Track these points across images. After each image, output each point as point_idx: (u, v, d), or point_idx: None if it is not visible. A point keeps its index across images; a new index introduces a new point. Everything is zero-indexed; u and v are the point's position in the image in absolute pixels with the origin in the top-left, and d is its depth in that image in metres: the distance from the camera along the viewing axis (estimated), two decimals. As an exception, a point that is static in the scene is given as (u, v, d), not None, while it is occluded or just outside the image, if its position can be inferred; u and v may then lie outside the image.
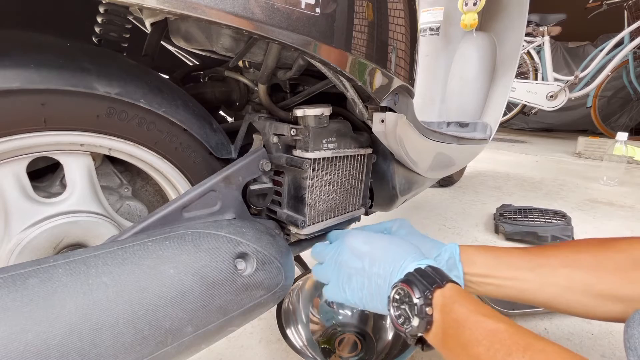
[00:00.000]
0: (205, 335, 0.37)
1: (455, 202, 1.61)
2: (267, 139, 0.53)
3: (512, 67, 1.23)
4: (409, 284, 0.39)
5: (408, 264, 0.43)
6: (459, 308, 0.36)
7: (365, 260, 0.46)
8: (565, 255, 0.46)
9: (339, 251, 0.50)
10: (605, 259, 0.43)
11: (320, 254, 0.54)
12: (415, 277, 0.40)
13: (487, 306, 0.37)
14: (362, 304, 0.47)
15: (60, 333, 0.27)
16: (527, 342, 0.31)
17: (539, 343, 0.31)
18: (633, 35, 2.98)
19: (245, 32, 0.32)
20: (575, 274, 0.44)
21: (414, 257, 0.44)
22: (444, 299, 0.38)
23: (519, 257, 0.49)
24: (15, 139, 0.33)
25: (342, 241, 0.51)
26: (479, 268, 0.49)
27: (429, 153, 0.75)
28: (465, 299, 0.37)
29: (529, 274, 0.46)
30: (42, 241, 0.38)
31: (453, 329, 0.35)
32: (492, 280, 0.48)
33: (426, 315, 0.37)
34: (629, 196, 1.78)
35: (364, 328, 0.69)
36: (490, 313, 0.35)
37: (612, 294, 0.42)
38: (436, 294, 0.38)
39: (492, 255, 0.50)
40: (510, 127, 4.95)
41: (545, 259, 0.47)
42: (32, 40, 0.35)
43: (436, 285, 0.38)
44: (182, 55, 0.75)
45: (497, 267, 0.48)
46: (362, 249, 0.48)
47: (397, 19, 0.47)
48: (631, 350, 0.33)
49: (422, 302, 0.37)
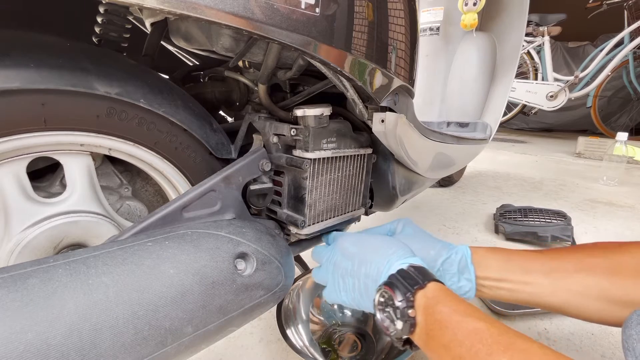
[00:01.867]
0: (205, 335, 0.37)
1: (455, 202, 1.61)
2: (267, 139, 0.53)
3: (512, 67, 1.23)
4: (391, 286, 0.39)
5: (392, 263, 0.42)
6: (441, 308, 0.36)
7: (354, 261, 0.46)
8: (579, 259, 0.45)
9: (333, 253, 0.50)
10: (619, 264, 0.43)
11: (318, 256, 0.55)
12: (397, 279, 0.39)
13: (470, 305, 0.37)
14: (356, 304, 0.47)
15: (60, 333, 0.27)
16: (509, 341, 0.31)
17: (521, 342, 0.31)
18: (633, 35, 2.98)
19: (245, 32, 0.32)
20: (590, 279, 0.43)
21: (398, 256, 0.43)
22: (426, 299, 0.37)
23: (532, 261, 0.48)
24: (15, 139, 0.33)
25: (335, 243, 0.51)
26: (491, 272, 0.48)
27: (429, 153, 0.75)
28: (448, 298, 0.37)
29: (543, 279, 0.46)
30: (42, 241, 0.38)
31: (436, 330, 0.35)
32: (505, 285, 0.47)
33: (409, 318, 0.37)
34: (629, 196, 1.78)
35: (364, 328, 0.69)
36: (473, 312, 0.35)
37: (626, 299, 0.41)
38: (418, 295, 0.38)
39: (504, 258, 0.49)
40: (510, 127, 4.95)
41: (559, 263, 0.46)
42: (32, 40, 0.35)
43: (417, 287, 0.38)
44: (182, 55, 0.75)
45: (511, 271, 0.47)
46: (351, 250, 0.48)
47: (397, 19, 0.47)
48: (629, 351, 0.33)
49: (404, 305, 0.37)
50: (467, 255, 0.49)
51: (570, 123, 4.54)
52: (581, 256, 0.46)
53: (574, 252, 0.47)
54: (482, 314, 0.35)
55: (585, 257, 0.45)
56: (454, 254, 0.50)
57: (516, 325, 0.77)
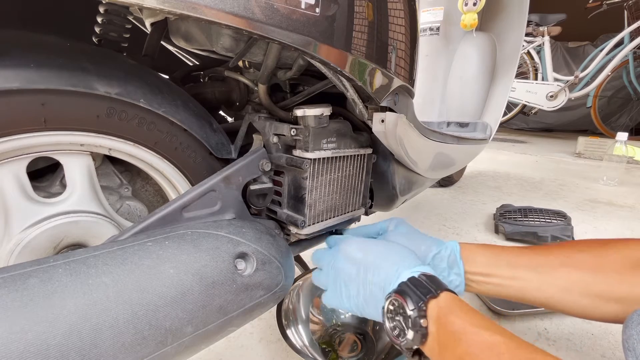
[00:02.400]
0: (205, 335, 0.37)
1: (455, 202, 1.61)
2: (267, 139, 0.53)
3: (512, 67, 1.23)
4: (403, 294, 0.38)
5: (402, 272, 0.41)
6: (454, 319, 0.35)
7: (360, 267, 0.46)
8: (565, 255, 0.46)
9: (336, 258, 0.50)
10: (604, 260, 0.43)
11: (319, 260, 0.54)
12: (409, 287, 0.38)
13: (484, 316, 0.36)
14: (359, 311, 0.46)
15: (60, 333, 0.27)
16: (528, 356, 0.30)
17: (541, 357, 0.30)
18: (633, 35, 2.98)
19: (245, 32, 0.32)
20: (574, 274, 0.44)
21: (408, 264, 0.42)
22: (439, 309, 0.36)
23: (519, 256, 0.48)
24: (15, 139, 0.33)
25: (338, 247, 0.50)
26: (479, 267, 0.49)
27: (429, 153, 0.75)
28: (461, 309, 0.36)
29: (529, 274, 0.46)
30: (42, 241, 0.38)
31: (449, 342, 0.34)
32: (493, 280, 0.48)
33: (421, 328, 0.36)
34: (629, 196, 1.78)
35: (364, 328, 0.69)
36: (488, 325, 0.34)
37: (609, 295, 0.42)
38: (430, 304, 0.37)
39: (492, 253, 0.50)
40: (510, 127, 4.95)
41: (545, 258, 0.47)
42: (32, 40, 0.35)
43: (430, 295, 0.37)
44: (182, 55, 0.75)
45: (498, 266, 0.48)
46: (356, 256, 0.47)
47: (397, 19, 0.47)
48: (629, 351, 0.33)
49: (416, 314, 0.36)
50: (457, 250, 0.50)
51: (570, 123, 4.54)
52: (567, 252, 0.46)
53: (560, 248, 0.48)
54: (498, 327, 0.34)
55: (571, 253, 0.46)
56: (443, 250, 0.50)
57: (516, 325, 0.77)
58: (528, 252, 0.49)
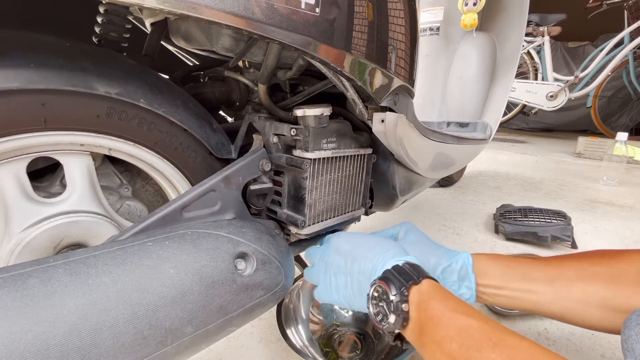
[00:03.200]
0: (205, 335, 0.37)
1: (455, 202, 1.61)
2: (267, 139, 0.53)
3: (512, 67, 1.23)
4: (386, 281, 0.39)
5: (387, 260, 0.43)
6: (434, 304, 0.36)
7: (347, 258, 0.47)
8: (580, 267, 0.46)
9: (326, 252, 0.51)
10: (619, 272, 0.43)
11: (311, 256, 0.55)
12: (393, 274, 0.40)
13: (463, 302, 0.37)
14: (348, 303, 0.47)
15: (60, 333, 0.27)
16: (499, 337, 0.31)
17: (510, 338, 0.31)
18: (633, 35, 2.98)
19: (245, 32, 0.32)
20: (591, 287, 0.44)
21: (393, 253, 0.44)
22: (420, 295, 0.38)
23: (533, 268, 0.48)
24: (15, 139, 0.33)
25: (329, 242, 0.52)
26: (492, 279, 0.48)
27: (429, 153, 0.75)
28: (441, 295, 0.37)
29: (544, 287, 0.46)
30: (42, 241, 0.38)
31: (428, 326, 0.36)
32: (506, 292, 0.48)
33: (402, 312, 0.38)
34: (629, 196, 1.78)
35: (364, 328, 0.69)
36: (465, 309, 0.35)
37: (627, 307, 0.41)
38: (412, 290, 0.38)
39: (505, 265, 0.49)
40: (510, 127, 4.95)
41: (560, 271, 0.46)
42: (32, 40, 0.35)
43: (412, 282, 0.38)
44: (182, 55, 0.75)
45: (511, 279, 0.48)
46: (344, 248, 0.48)
47: (397, 19, 0.47)
48: (628, 352, 0.33)
49: (398, 299, 0.38)
50: (469, 263, 0.49)
51: (570, 123, 4.54)
52: (582, 264, 0.46)
53: (574, 260, 0.47)
54: (475, 311, 0.35)
55: (586, 266, 0.46)
56: (454, 263, 0.50)
57: (516, 325, 0.77)
58: (542, 264, 0.48)
